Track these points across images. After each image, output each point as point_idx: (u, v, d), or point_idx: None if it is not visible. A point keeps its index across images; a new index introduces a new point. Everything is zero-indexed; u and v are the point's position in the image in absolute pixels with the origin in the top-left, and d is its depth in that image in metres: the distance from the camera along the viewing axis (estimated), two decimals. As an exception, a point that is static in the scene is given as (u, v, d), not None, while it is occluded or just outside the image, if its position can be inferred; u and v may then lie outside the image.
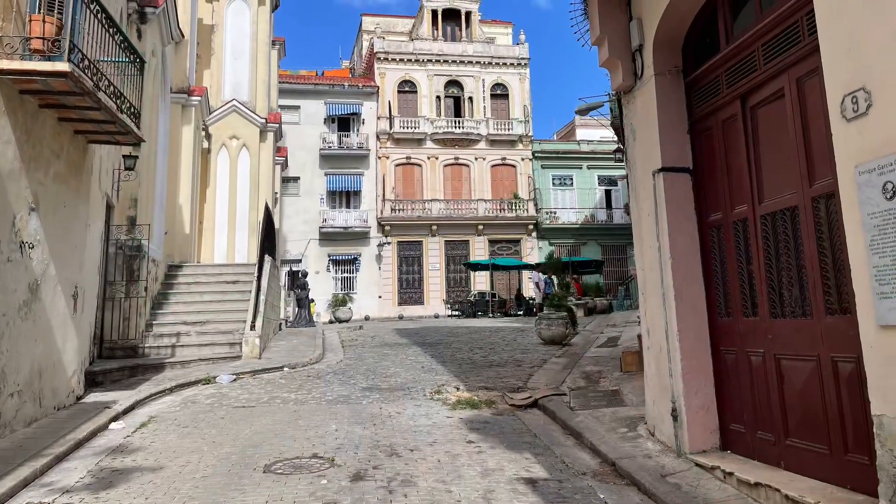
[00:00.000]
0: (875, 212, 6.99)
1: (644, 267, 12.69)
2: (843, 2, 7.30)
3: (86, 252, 19.06)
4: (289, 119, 68.80)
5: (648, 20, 12.07)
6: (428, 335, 36.72)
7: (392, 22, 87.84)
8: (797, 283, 9.32)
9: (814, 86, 8.67)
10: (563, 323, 29.26)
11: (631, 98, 12.96)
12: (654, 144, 11.92)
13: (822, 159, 8.58)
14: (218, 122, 43.18)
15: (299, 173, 71.60)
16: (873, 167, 6.95)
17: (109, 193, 22.94)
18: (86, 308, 19.52)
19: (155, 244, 29.19)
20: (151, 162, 28.73)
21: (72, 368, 18.02)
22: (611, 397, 16.89)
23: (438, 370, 23.32)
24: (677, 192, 11.66)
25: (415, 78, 76.34)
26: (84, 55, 14.86)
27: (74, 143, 17.59)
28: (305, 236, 71.31)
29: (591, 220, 77.48)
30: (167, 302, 29.97)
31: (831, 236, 8.56)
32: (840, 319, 8.49)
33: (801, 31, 8.90)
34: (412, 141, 74.82)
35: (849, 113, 7.22)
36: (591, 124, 74.90)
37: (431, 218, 73.32)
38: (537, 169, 77.27)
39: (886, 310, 6.93)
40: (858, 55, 7.10)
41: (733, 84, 10.54)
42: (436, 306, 71.44)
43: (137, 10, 25.79)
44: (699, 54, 11.75)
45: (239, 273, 33.53)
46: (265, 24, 47.07)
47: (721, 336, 11.22)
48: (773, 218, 9.76)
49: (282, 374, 23.29)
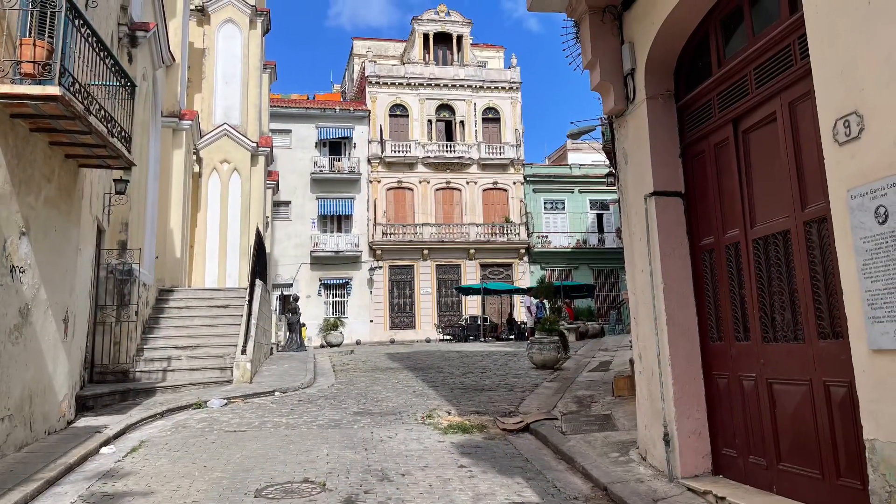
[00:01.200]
0: (867, 236, 6.98)
1: (636, 291, 12.68)
2: (836, 26, 7.30)
3: (76, 276, 19.01)
4: (280, 143, 68.96)
5: (640, 44, 12.08)
6: (419, 359, 36.68)
7: (383, 46, 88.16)
8: (789, 307, 9.31)
9: (806, 109, 8.67)
10: (555, 347, 29.26)
11: (623, 122, 12.96)
12: (646, 168, 11.92)
13: (814, 183, 8.57)
14: (209, 145, 43.27)
15: (290, 197, 71.67)
16: (866, 191, 6.94)
17: (100, 217, 22.91)
18: (76, 332, 19.47)
19: (146, 268, 29.14)
20: (142, 186, 28.70)
21: (62, 393, 17.96)
22: (603, 422, 16.87)
23: (430, 395, 23.29)
24: (669, 217, 11.65)
25: (406, 102, 76.48)
26: (75, 79, 14.85)
27: (65, 166, 17.57)
28: (297, 260, 71.31)
29: (583, 245, 77.58)
30: (158, 326, 29.90)
31: (823, 260, 8.55)
32: (832, 344, 8.47)
33: (793, 55, 8.90)
34: (403, 165, 74.91)
35: (841, 137, 7.22)
36: (583, 148, 75.05)
37: (423, 242, 73.39)
38: (529, 193, 77.38)
39: (879, 334, 6.91)
40: (851, 79, 7.09)
41: (725, 108, 10.55)
42: (427, 330, 71.43)
43: (128, 34, 25.78)
44: (691, 78, 11.76)
45: (230, 297, 33.49)
46: (256, 48, 47.21)
47: (713, 360, 11.20)
48: (765, 242, 9.76)
49: (273, 399, 23.24)
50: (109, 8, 22.20)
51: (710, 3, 10.63)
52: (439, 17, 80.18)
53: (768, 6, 9.60)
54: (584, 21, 12.94)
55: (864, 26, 6.90)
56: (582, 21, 13.10)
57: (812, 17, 7.70)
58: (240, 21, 46.58)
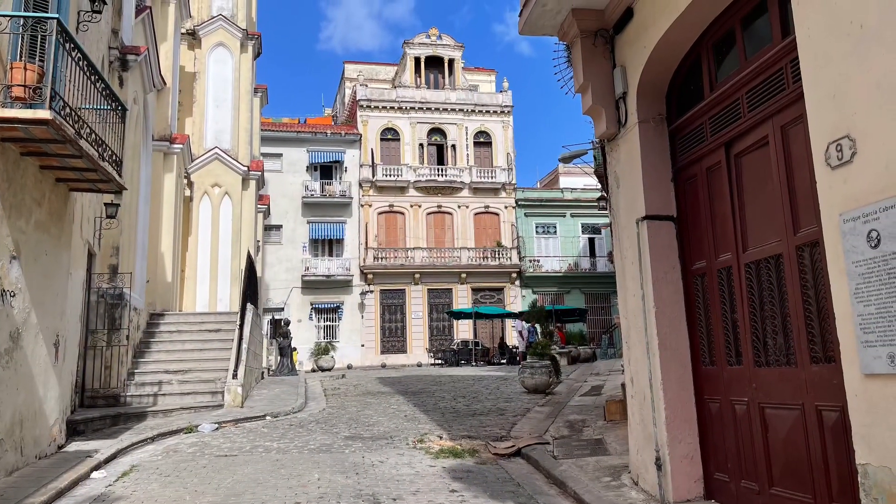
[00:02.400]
0: (860, 260, 6.96)
1: (628, 315, 12.66)
2: (828, 50, 7.30)
3: (67, 300, 18.98)
4: (271, 167, 68.99)
5: (632, 68, 12.09)
6: (411, 384, 36.63)
7: (375, 69, 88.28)
8: (781, 331, 9.29)
9: (798, 133, 8.66)
10: (547, 371, 29.22)
11: (615, 146, 12.96)
12: (637, 192, 11.91)
13: (806, 207, 8.56)
14: (200, 169, 43.33)
15: (282, 221, 71.71)
16: (858, 215, 6.93)
17: (91, 241, 22.89)
18: (67, 356, 19.43)
19: (137, 292, 29.10)
20: (133, 210, 28.68)
21: (53, 417, 17.90)
22: (594, 446, 16.83)
23: (421, 419, 23.24)
24: (661, 241, 11.65)
25: (398, 125, 76.61)
26: (65, 103, 14.84)
27: (56, 190, 17.55)
28: (288, 284, 71.30)
29: (575, 269, 77.65)
30: (149, 350, 29.86)
31: (816, 285, 8.54)
32: (824, 368, 8.45)
33: (785, 79, 8.90)
34: (395, 189, 74.99)
35: (833, 161, 7.21)
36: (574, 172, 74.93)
37: (414, 266, 73.43)
38: (521, 217, 77.47)
39: (871, 358, 6.89)
40: (843, 103, 7.09)
41: (717, 132, 10.55)
42: (419, 355, 71.40)
43: (119, 58, 25.78)
44: (683, 102, 11.76)
45: (221, 321, 33.46)
46: (247, 72, 47.26)
47: (705, 384, 11.18)
48: (757, 266, 9.75)
49: (264, 423, 23.19)
50: (100, 32, 22.21)
51: (701, 26, 10.63)
52: (431, 40, 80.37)
53: (760, 30, 9.61)
54: (576, 44, 12.95)
55: (857, 50, 6.89)
56: (574, 44, 13.11)
57: (804, 40, 7.70)
58: (231, 45, 46.68)
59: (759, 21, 9.61)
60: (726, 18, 10.19)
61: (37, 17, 14.81)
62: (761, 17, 9.52)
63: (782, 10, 8.92)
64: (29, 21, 14.72)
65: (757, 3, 9.52)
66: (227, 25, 46.66)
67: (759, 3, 9.49)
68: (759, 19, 9.62)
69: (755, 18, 9.71)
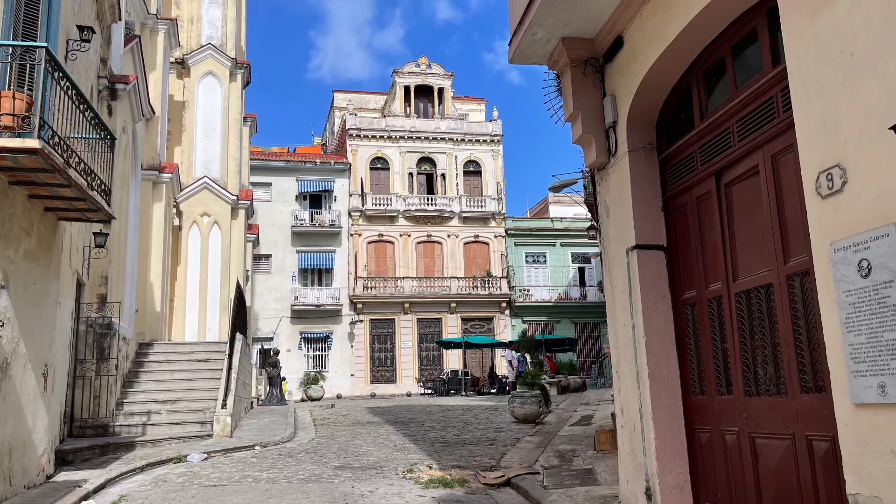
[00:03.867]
0: (850, 290, 6.94)
1: (618, 345, 12.63)
2: (819, 79, 7.29)
3: (56, 330, 18.92)
4: (260, 196, 68.97)
5: (622, 97, 12.08)
6: (400, 413, 36.64)
7: (364, 98, 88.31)
8: (772, 361, 9.26)
9: (788, 162, 8.65)
10: (537, 401, 29.21)
11: (605, 175, 12.95)
12: (627, 222, 11.90)
13: (796, 237, 8.55)
14: (189, 198, 43.31)
15: (271, 250, 71.74)
16: (848, 245, 6.92)
17: (80, 271, 22.87)
18: (56, 386, 19.37)
19: (126, 322, 29.07)
20: (122, 239, 28.67)
21: (42, 447, 17.82)
22: (584, 476, 16.78)
23: (411, 449, 23.20)
24: (651, 270, 11.63)
25: (387, 154, 76.73)
26: (54, 132, 14.82)
27: (45, 220, 17.51)
28: (277, 314, 71.26)
29: (565, 298, 77.70)
30: (138, 380, 29.84)
31: (806, 314, 8.51)
32: (815, 398, 8.42)
33: (775, 108, 8.89)
34: (384, 218, 75.08)
35: (824, 190, 7.19)
36: (564, 201, 75.11)
37: (404, 296, 73.44)
38: (510, 246, 77.59)
39: (862, 388, 6.86)
40: (834, 132, 7.08)
41: (708, 161, 10.53)
42: (408, 384, 71.35)
43: (108, 87, 25.78)
44: (673, 131, 11.75)
45: (210, 351, 33.45)
46: (236, 101, 47.32)
47: (695, 414, 11.14)
48: (747, 296, 9.72)
49: (253, 453, 23.14)
50: (89, 61, 22.21)
51: (692, 56, 10.63)
52: (420, 69, 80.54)
53: (751, 59, 9.61)
54: (566, 73, 12.95)
55: (847, 80, 6.89)
56: (563, 73, 13.11)
57: (795, 70, 7.69)
58: (220, 74, 46.71)
59: (750, 50, 9.61)
60: (716, 48, 10.18)
61: (25, 46, 14.83)
62: (751, 46, 9.52)
63: (772, 40, 8.92)
64: (17, 50, 14.73)
65: (747, 32, 9.52)
66: (216, 54, 46.72)
67: (749, 33, 9.49)
68: (749, 48, 9.62)
69: (745, 48, 9.71)
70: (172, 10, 46.18)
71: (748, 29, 9.47)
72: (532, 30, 12.12)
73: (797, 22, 7.60)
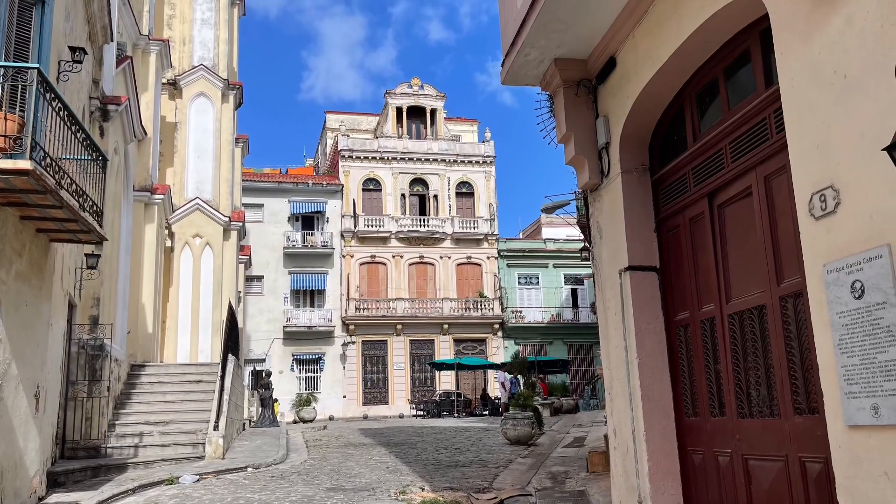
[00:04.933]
0: (843, 311, 6.93)
1: (610, 366, 12.61)
2: (812, 100, 7.28)
3: (48, 351, 18.90)
4: (252, 217, 68.96)
5: (615, 118, 12.07)
6: (393, 435, 36.59)
7: (356, 119, 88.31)
8: (765, 382, 9.24)
9: (781, 184, 8.63)
10: (529, 423, 29.19)
11: (597, 196, 12.94)
12: (620, 243, 11.88)
13: (789, 258, 8.54)
14: (181, 220, 43.30)
15: (263, 272, 71.70)
16: (842, 266, 6.90)
17: (72, 292, 22.84)
18: (48, 408, 19.34)
19: (117, 343, 29.03)
20: (114, 260, 28.65)
21: (34, 469, 17.79)
22: (577, 498, 16.74)
23: (403, 470, 23.15)
24: (644, 291, 11.61)
25: (379, 176, 76.76)
26: (46, 153, 14.81)
27: (36, 241, 17.50)
28: (269, 335, 71.19)
29: (558, 320, 77.69)
30: (130, 402, 29.79)
31: (799, 335, 8.49)
32: (808, 419, 8.40)
33: (768, 129, 8.88)
34: (377, 239, 75.08)
35: (817, 211, 7.18)
36: (557, 223, 75.27)
37: (396, 317, 73.41)
38: (503, 268, 77.60)
39: (855, 410, 6.84)
40: (827, 153, 7.06)
41: (700, 182, 10.52)
42: (401, 406, 71.29)
43: (100, 108, 25.76)
44: (666, 152, 11.75)
45: (202, 373, 33.40)
46: (228, 122, 47.34)
47: (688, 436, 11.11)
48: (740, 317, 9.70)
49: (245, 475, 23.07)
50: (81, 82, 22.22)
51: (684, 77, 10.63)
52: (413, 90, 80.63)
53: (744, 80, 9.61)
54: (559, 94, 12.95)
55: (840, 100, 6.88)
56: (556, 94, 13.11)
57: (788, 90, 7.69)
58: (212, 95, 46.71)
59: (743, 71, 9.60)
60: (709, 69, 10.18)
61: (17, 67, 14.82)
62: (744, 67, 9.51)
63: (766, 61, 8.92)
64: (9, 71, 14.72)
65: (740, 53, 9.52)
66: (208, 75, 46.73)
67: (742, 54, 9.49)
68: (742, 69, 9.62)
69: (738, 69, 9.70)
70: (164, 31, 46.25)
71: (741, 50, 9.47)
72: (525, 51, 12.11)
73: (790, 43, 7.60)
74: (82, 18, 21.98)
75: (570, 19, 11.11)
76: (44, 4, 17.12)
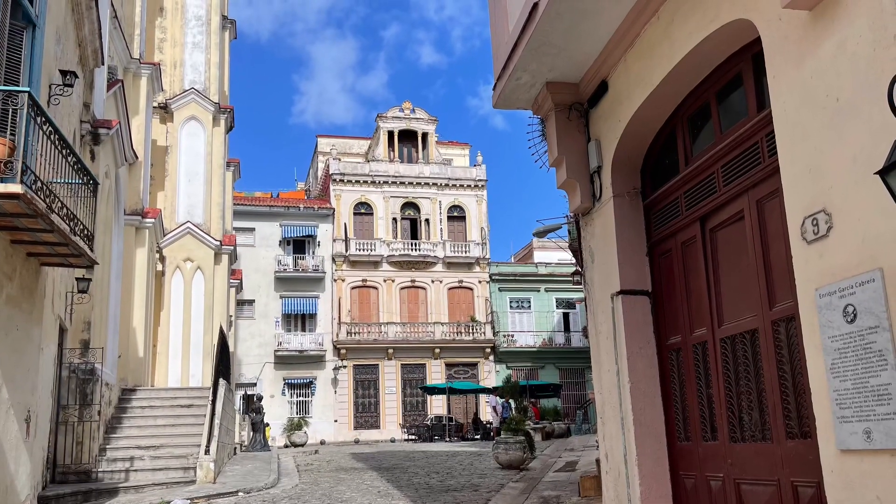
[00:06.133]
0: (836, 335, 6.91)
1: (602, 390, 12.58)
2: (804, 123, 7.28)
3: (39, 376, 18.85)
4: (244, 241, 68.89)
5: (607, 141, 12.07)
6: (384, 459, 36.53)
7: (348, 143, 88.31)
8: (757, 406, 9.22)
9: (774, 208, 8.63)
10: (521, 447, 29.12)
11: (589, 220, 12.93)
12: (612, 267, 11.87)
13: (782, 282, 8.52)
14: (172, 244, 43.28)
15: (254, 296, 71.67)
16: (834, 290, 6.89)
17: (62, 316, 22.81)
18: (38, 432, 19.29)
19: (108, 368, 28.98)
20: (105, 284, 28.62)
21: (24, 493, 17.71)
22: (569, 523, 16.71)
23: (395, 495, 23.09)
24: (636, 315, 11.59)
25: (371, 200, 76.78)
26: (37, 177, 14.80)
27: (27, 265, 17.46)
28: (260, 359, 71.18)
29: (549, 344, 77.73)
30: (121, 426, 29.75)
31: (791, 360, 8.47)
32: (800, 444, 8.37)
33: (761, 153, 8.87)
34: (368, 263, 75.09)
35: (809, 235, 7.18)
36: (549, 246, 75.24)
37: (388, 341, 73.40)
38: (495, 292, 77.62)
39: (847, 434, 6.83)
40: (819, 177, 7.06)
41: (692, 206, 10.51)
42: (392, 430, 71.21)
43: (91, 131, 25.75)
44: (658, 176, 11.74)
45: (193, 397, 33.37)
46: (220, 146, 47.41)
47: (680, 460, 11.08)
48: (732, 341, 9.68)
49: (236, 499, 23.01)
50: (72, 105, 22.20)
51: (676, 100, 10.63)
52: (404, 114, 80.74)
53: (736, 104, 9.60)
54: (550, 118, 12.94)
55: (832, 124, 6.88)
56: (548, 118, 13.10)
57: (780, 114, 7.69)
58: (203, 118, 46.72)
59: (735, 95, 9.60)
60: (701, 92, 10.18)
61: (7, 91, 14.78)
62: (736, 90, 9.51)
63: (758, 84, 8.92)
64: (0, 94, 14.68)
65: (732, 77, 9.52)
66: (199, 99, 46.75)
67: (734, 78, 9.49)
68: (734, 93, 9.62)
69: (730, 92, 9.70)
70: (155, 54, 46.28)
71: (733, 73, 9.47)
72: (516, 74, 12.11)
73: (782, 66, 7.60)
74: (73, 42, 21.98)
75: (561, 43, 11.11)
76: (35, 28, 17.11)
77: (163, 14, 47.74)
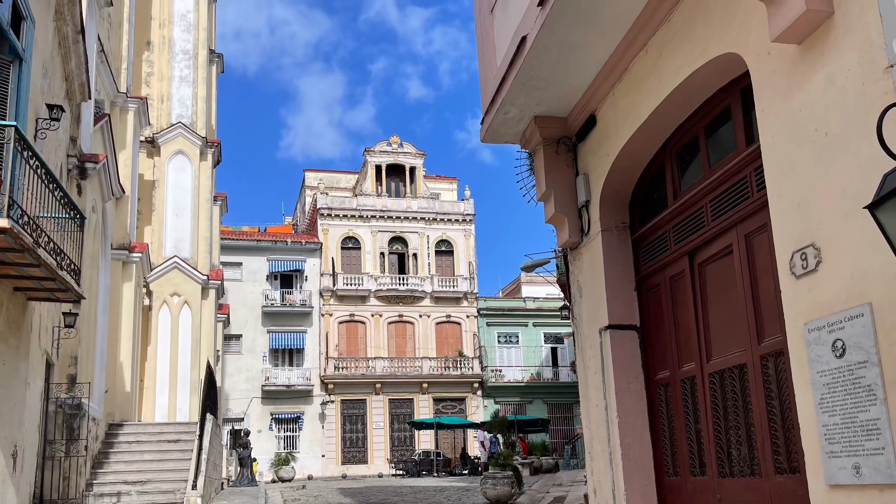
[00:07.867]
0: (825, 370, 6.90)
1: (591, 425, 12.55)
2: (793, 158, 7.28)
3: (25, 410, 18.79)
4: (231, 275, 68.83)
5: (595, 176, 12.06)
6: (372, 495, 36.44)
7: (335, 177, 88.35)
8: (746, 441, 9.19)
9: (762, 242, 8.62)
10: (509, 482, 29.06)
11: (577, 254, 12.92)
12: (600, 301, 11.85)
13: (770, 317, 8.50)
14: (159, 278, 43.20)
15: (241, 330, 71.60)
16: (823, 325, 6.88)
17: (49, 351, 22.74)
18: (25, 467, 19.22)
19: (95, 402, 28.88)
20: (92, 319, 28.54)
21: (9, 529, 17.64)
22: (558, 558, 16.66)
23: (382, 530, 23.03)
24: (624, 350, 11.56)
25: (358, 234, 76.87)
26: (23, 211, 14.76)
27: (14, 300, 17.41)
28: (248, 394, 71.05)
29: (537, 378, 77.72)
30: (108, 461, 29.63)
31: (780, 395, 8.45)
32: (789, 479, 8.34)
33: (749, 188, 8.87)
34: (356, 298, 75.07)
35: (798, 270, 7.17)
36: (537, 281, 75.24)
37: (375, 376, 73.38)
38: (483, 326, 77.63)
39: (836, 469, 6.81)
40: (808, 211, 7.05)
41: (681, 240, 10.50)
42: (380, 465, 71.11)
43: (77, 166, 25.71)
44: (647, 210, 11.74)
45: (180, 432, 33.24)
46: (207, 180, 47.36)
47: (669, 495, 11.04)
48: (721, 376, 9.65)
49: (223, 535, 22.94)
50: (59, 139, 22.19)
51: (665, 134, 10.63)
52: (392, 148, 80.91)
53: (724, 138, 9.61)
54: (538, 153, 12.94)
55: (821, 158, 6.87)
56: (536, 152, 13.10)
57: (769, 148, 7.69)
58: (190, 153, 46.68)
59: (723, 129, 9.61)
60: (689, 126, 10.18)
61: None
62: (725, 125, 9.52)
63: (746, 119, 8.92)
64: (-13, 129, 14.66)
65: (720, 111, 9.53)
66: (186, 133, 46.73)
67: (722, 112, 9.50)
68: (722, 127, 9.62)
69: (719, 126, 9.71)
70: (143, 88, 46.27)
71: (722, 108, 9.47)
72: (504, 108, 12.10)
73: (771, 101, 7.60)
74: (60, 76, 21.98)
75: (549, 77, 11.11)
76: (21, 62, 17.08)
77: (150, 48, 47.77)
